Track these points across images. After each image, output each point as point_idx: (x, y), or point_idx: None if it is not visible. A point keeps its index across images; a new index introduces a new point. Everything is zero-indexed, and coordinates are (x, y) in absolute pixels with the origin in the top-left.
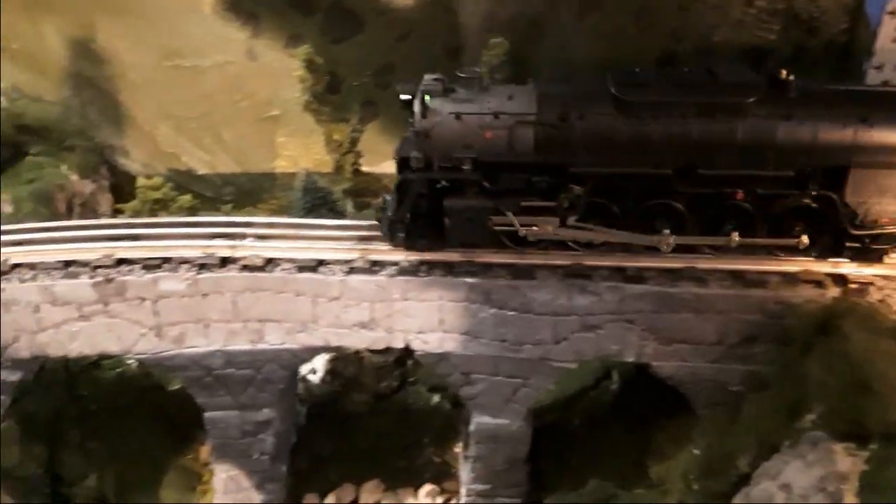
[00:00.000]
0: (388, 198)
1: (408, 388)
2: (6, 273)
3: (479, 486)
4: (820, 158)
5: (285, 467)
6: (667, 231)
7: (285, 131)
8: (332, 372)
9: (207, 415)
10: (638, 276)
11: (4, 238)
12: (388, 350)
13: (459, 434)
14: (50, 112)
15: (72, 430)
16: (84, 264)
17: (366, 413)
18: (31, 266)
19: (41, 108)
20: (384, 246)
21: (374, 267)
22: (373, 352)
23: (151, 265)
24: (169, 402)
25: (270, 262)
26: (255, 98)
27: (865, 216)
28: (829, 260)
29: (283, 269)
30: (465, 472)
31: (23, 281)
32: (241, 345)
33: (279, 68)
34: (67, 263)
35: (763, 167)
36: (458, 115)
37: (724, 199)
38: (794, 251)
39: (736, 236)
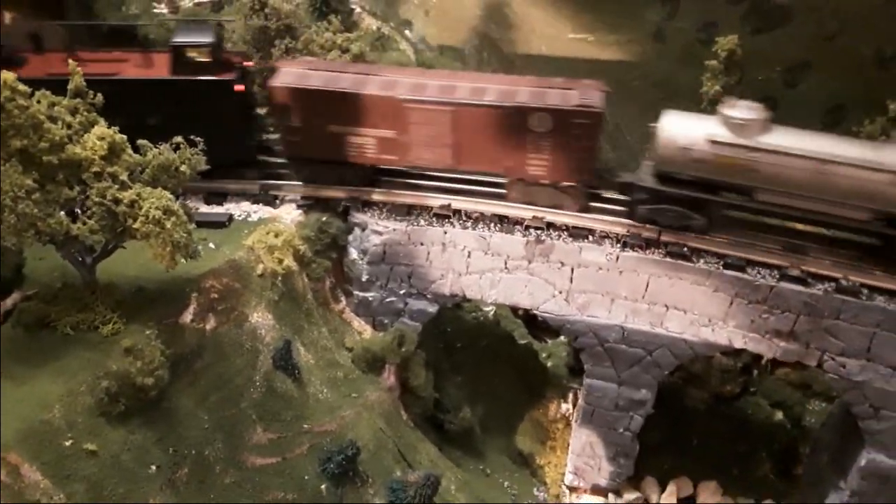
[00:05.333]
0: None
1: (748, 398)
2: (449, 218)
3: None
4: None
5: (638, 447)
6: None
7: None
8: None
9: (587, 381)
10: None
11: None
12: (738, 353)
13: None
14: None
15: (443, 361)
16: (517, 222)
17: (703, 412)
18: (469, 214)
19: (439, 60)
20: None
21: (810, 279)
22: (724, 354)
23: (577, 234)
24: (518, 354)
25: (696, 253)
26: (649, 79)
27: None
28: None
29: (708, 262)
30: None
31: (464, 227)
32: (641, 325)
33: (683, 54)
34: (501, 218)
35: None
36: None
37: None
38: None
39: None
